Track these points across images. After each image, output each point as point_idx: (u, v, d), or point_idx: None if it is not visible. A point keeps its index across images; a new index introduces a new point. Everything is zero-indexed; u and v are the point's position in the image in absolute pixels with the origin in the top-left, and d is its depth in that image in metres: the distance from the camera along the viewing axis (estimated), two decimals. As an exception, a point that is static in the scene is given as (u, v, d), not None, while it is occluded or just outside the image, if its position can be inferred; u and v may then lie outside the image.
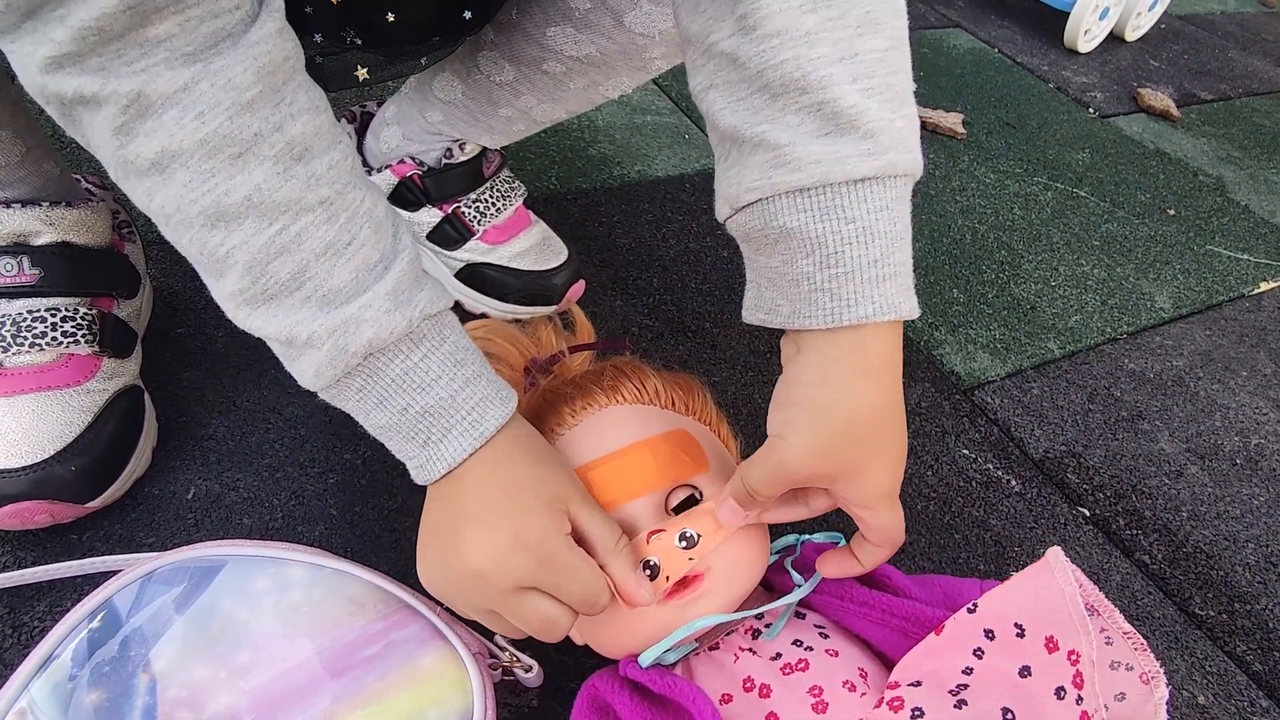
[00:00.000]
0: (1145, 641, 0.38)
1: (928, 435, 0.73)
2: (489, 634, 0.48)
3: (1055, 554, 0.39)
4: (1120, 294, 0.97)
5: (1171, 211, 1.15)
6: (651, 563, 0.42)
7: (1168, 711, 0.40)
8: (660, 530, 0.43)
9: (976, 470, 0.71)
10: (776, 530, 0.49)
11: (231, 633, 0.42)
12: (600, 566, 0.41)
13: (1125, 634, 0.36)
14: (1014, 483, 0.71)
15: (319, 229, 0.38)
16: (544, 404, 0.50)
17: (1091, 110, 1.37)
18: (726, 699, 0.41)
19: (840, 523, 0.64)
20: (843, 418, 0.38)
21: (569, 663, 0.50)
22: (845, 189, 0.37)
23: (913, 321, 0.85)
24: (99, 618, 0.42)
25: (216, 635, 0.42)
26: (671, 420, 0.48)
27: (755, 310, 0.42)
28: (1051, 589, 0.37)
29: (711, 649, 0.44)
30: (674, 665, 0.44)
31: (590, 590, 0.40)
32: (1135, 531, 0.69)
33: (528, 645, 0.48)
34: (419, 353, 0.41)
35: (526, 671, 0.47)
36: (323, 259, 0.38)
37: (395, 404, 0.41)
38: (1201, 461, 0.77)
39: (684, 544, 0.43)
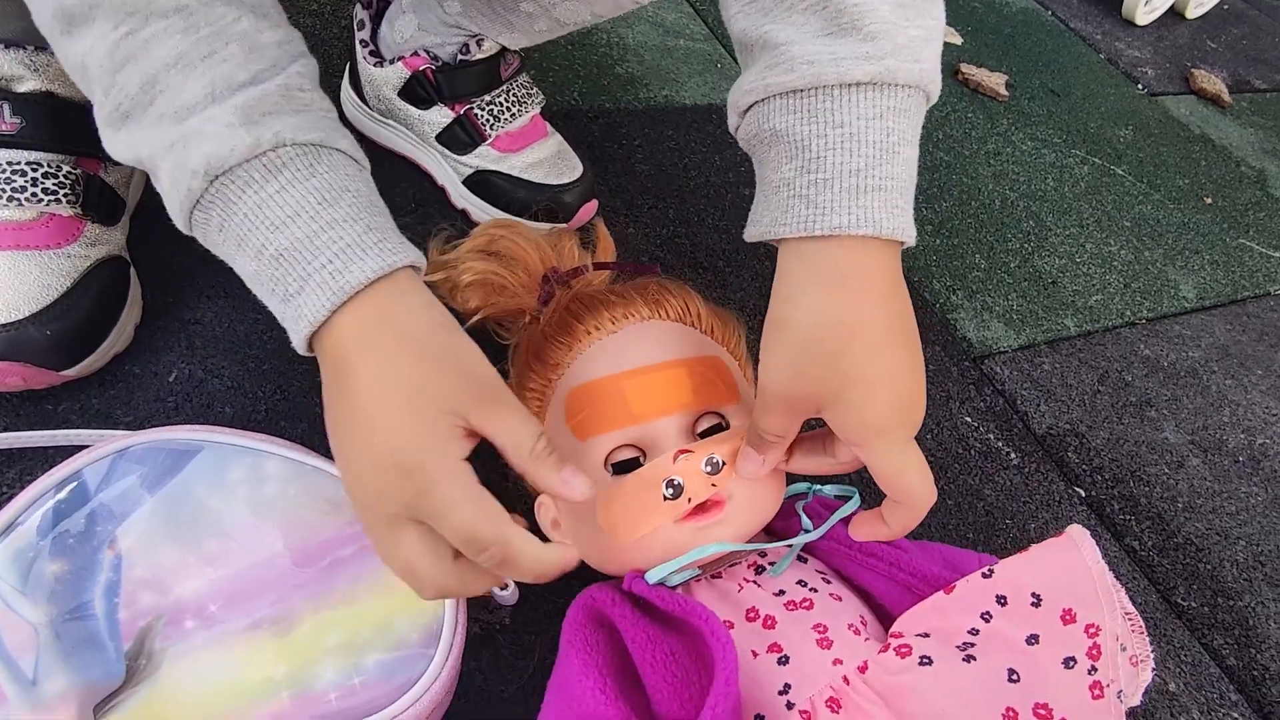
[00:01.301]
0: (1144, 625, 0.37)
1: (931, 399, 0.71)
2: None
3: (1079, 531, 0.38)
4: (1145, 278, 0.94)
5: (1209, 200, 1.11)
6: (676, 482, 0.42)
7: (1141, 695, 0.40)
8: (689, 451, 0.42)
9: (977, 439, 0.70)
10: (789, 479, 0.47)
11: (202, 519, 0.41)
12: (520, 475, 0.36)
13: (1126, 614, 0.36)
14: (1013, 456, 0.69)
15: (170, 37, 0.34)
16: (582, 307, 0.48)
17: (1140, 86, 1.31)
18: (728, 626, 0.41)
19: (855, 476, 0.63)
20: (805, 331, 0.36)
21: (545, 588, 0.49)
22: (837, 92, 0.35)
23: (929, 283, 0.83)
24: (67, 489, 0.40)
25: (187, 520, 0.41)
26: (708, 346, 0.47)
27: (750, 225, 0.40)
28: (1076, 563, 0.37)
29: (714, 577, 0.44)
30: (675, 589, 0.44)
31: (473, 532, 0.33)
32: (1128, 517, 0.68)
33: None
34: (275, 183, 0.35)
35: (502, 589, 0.46)
36: (172, 70, 0.34)
37: (251, 244, 0.35)
38: (1204, 455, 0.76)
39: (709, 469, 0.42)
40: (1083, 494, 0.69)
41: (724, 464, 0.42)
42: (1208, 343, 0.88)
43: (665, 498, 0.41)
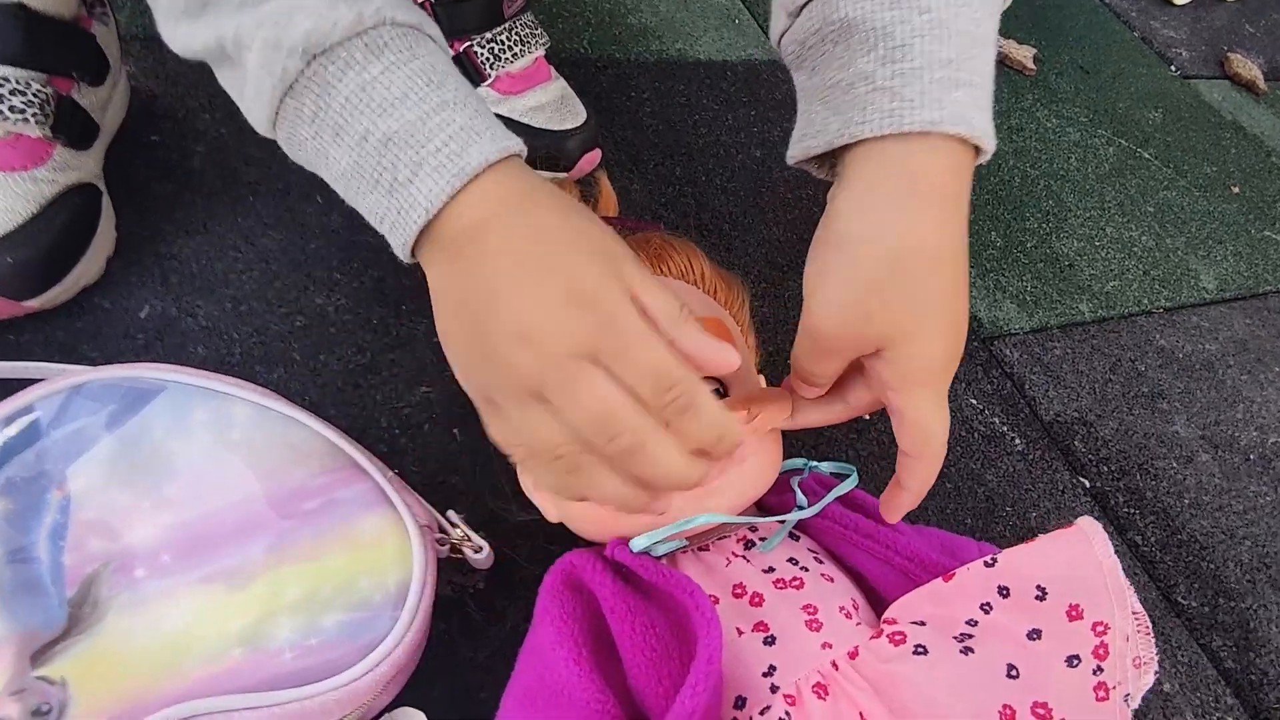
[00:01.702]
0: (1150, 625, 0.35)
1: (937, 379, 0.69)
2: (441, 508, 0.45)
3: (1090, 523, 0.35)
4: (1165, 266, 0.91)
5: (1236, 189, 1.07)
6: None
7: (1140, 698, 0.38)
8: None
9: (981, 422, 0.67)
10: (786, 453, 0.45)
11: (160, 463, 0.38)
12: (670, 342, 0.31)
13: (1134, 614, 0.33)
14: (1018, 441, 0.67)
15: None
16: None
17: (1173, 68, 1.27)
18: (713, 601, 0.38)
19: (853, 455, 0.61)
20: (882, 249, 0.32)
21: (521, 549, 0.47)
22: None
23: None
24: (16, 424, 0.38)
25: (143, 463, 0.38)
26: (711, 307, 0.44)
27: (800, 140, 0.36)
28: (1085, 557, 0.34)
29: (701, 549, 0.42)
30: (660, 559, 0.42)
31: (663, 367, 0.29)
32: (1133, 510, 0.66)
33: (482, 525, 0.45)
34: (379, 64, 0.32)
35: (476, 552, 0.44)
36: None
37: (353, 131, 0.32)
38: (1214, 451, 0.73)
39: None
40: (1087, 484, 0.66)
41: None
42: (1225, 336, 0.85)
43: None
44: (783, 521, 0.42)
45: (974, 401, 0.68)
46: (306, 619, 0.37)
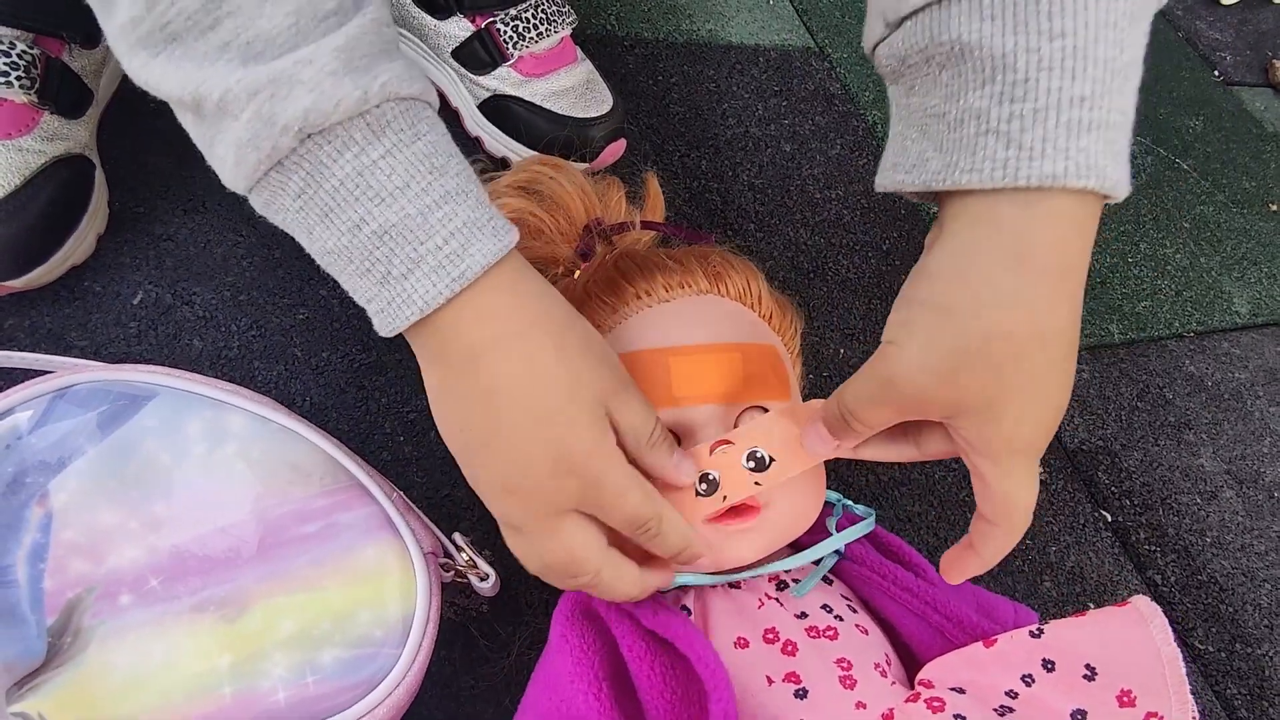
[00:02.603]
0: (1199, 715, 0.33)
1: (961, 399, 0.67)
2: (445, 523, 0.42)
3: (1148, 604, 0.33)
4: (1198, 287, 0.88)
5: (1275, 207, 1.04)
6: (711, 477, 0.36)
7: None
8: (727, 442, 0.37)
9: (1005, 449, 0.65)
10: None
11: (149, 478, 0.36)
12: (631, 460, 0.34)
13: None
14: (1041, 470, 0.65)
15: None
16: (633, 267, 0.43)
17: (1216, 73, 1.22)
18: (742, 643, 0.37)
19: (878, 496, 0.59)
20: (981, 326, 0.28)
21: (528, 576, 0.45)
22: None
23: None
24: (-6, 430, 0.35)
25: (132, 478, 0.36)
26: (765, 333, 0.42)
27: (893, 170, 0.32)
28: (1142, 641, 0.32)
29: (732, 586, 0.40)
30: (686, 591, 0.40)
31: (637, 515, 0.33)
32: (1154, 548, 0.64)
33: (486, 543, 0.43)
34: (379, 147, 0.29)
35: (482, 580, 0.41)
36: None
37: (345, 218, 0.30)
38: (1239, 486, 0.71)
39: (751, 464, 0.36)
40: (1109, 518, 0.64)
41: (771, 461, 0.36)
42: (1255, 364, 0.83)
43: (698, 493, 0.36)
44: (817, 563, 0.40)
45: (998, 426, 0.66)
46: (302, 655, 0.34)
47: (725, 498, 0.36)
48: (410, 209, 0.30)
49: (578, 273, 0.46)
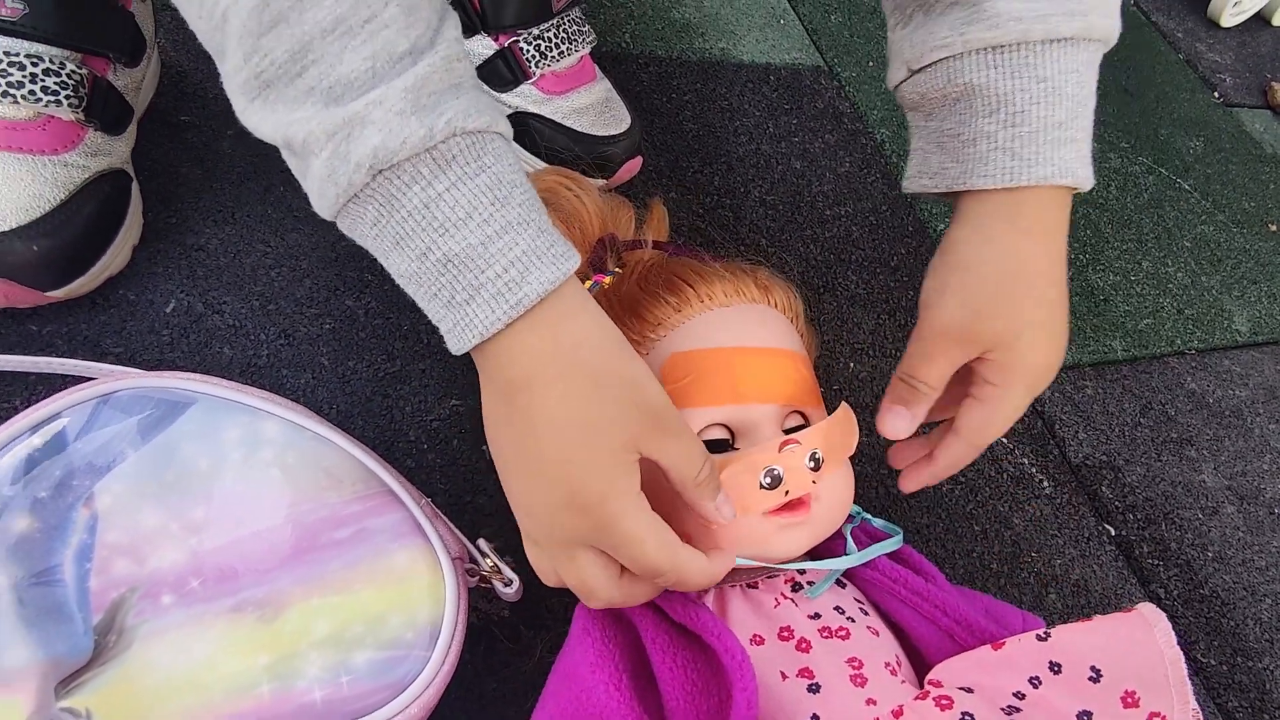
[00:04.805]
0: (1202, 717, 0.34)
1: (968, 414, 0.68)
2: (469, 529, 0.44)
3: (1152, 610, 0.35)
4: (1199, 305, 0.89)
5: (1274, 227, 1.06)
6: (776, 472, 0.39)
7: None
8: (795, 442, 0.39)
9: (1011, 462, 0.66)
10: None
11: (188, 482, 0.37)
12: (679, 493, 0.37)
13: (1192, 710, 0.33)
14: (1046, 484, 0.66)
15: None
16: (692, 273, 0.44)
17: (1216, 94, 1.24)
18: (758, 640, 0.38)
19: (889, 509, 0.60)
20: (994, 270, 0.38)
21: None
22: (1041, 48, 0.37)
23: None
24: (42, 434, 0.36)
25: (171, 482, 0.37)
26: (802, 346, 0.46)
27: (918, 177, 0.42)
28: (1148, 646, 0.33)
29: (750, 586, 0.41)
30: (706, 591, 0.41)
31: (654, 564, 0.34)
32: (1157, 562, 0.65)
33: (509, 550, 0.44)
34: (445, 180, 0.32)
35: (506, 585, 0.43)
36: (329, 38, 0.30)
37: (414, 246, 0.32)
38: (1240, 502, 0.73)
39: (811, 464, 0.40)
40: (1113, 532, 0.66)
41: (824, 461, 0.40)
42: (1256, 382, 0.84)
43: (762, 486, 0.39)
44: (832, 569, 0.41)
45: (1004, 440, 0.67)
46: (336, 656, 0.36)
47: (788, 492, 0.39)
48: (472, 239, 0.32)
49: (608, 279, 0.48)
